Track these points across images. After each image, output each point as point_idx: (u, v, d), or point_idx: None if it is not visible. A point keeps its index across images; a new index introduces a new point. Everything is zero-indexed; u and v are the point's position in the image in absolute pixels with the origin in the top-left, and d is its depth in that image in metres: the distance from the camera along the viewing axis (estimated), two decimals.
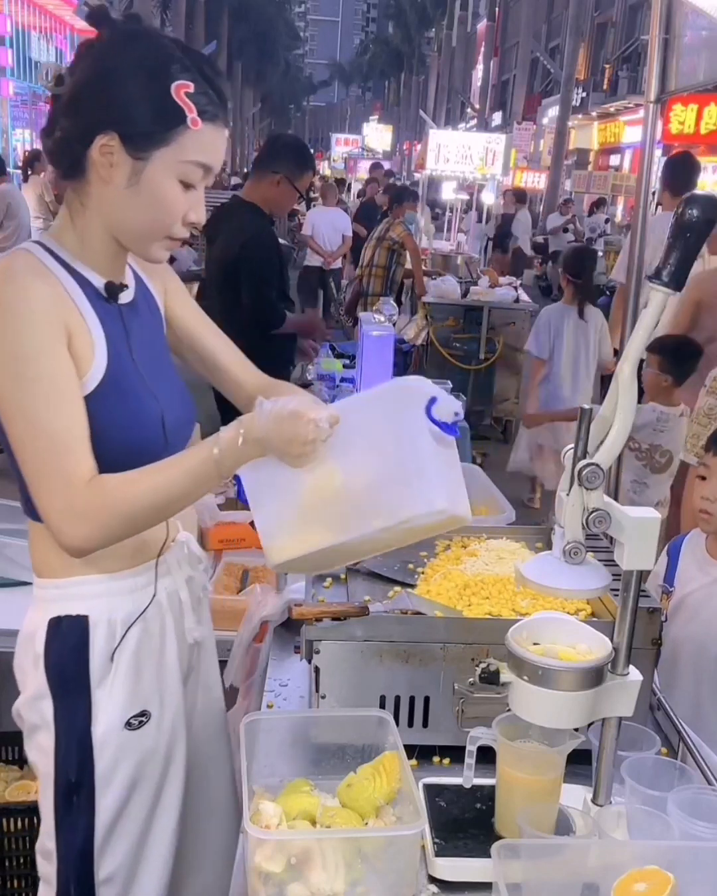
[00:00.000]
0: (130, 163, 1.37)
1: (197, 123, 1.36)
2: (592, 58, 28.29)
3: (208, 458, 1.36)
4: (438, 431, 1.35)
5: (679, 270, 1.26)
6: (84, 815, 1.48)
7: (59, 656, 1.47)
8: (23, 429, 1.36)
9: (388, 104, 65.33)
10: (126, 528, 1.40)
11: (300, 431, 1.34)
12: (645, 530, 1.25)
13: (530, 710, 1.29)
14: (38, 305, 1.35)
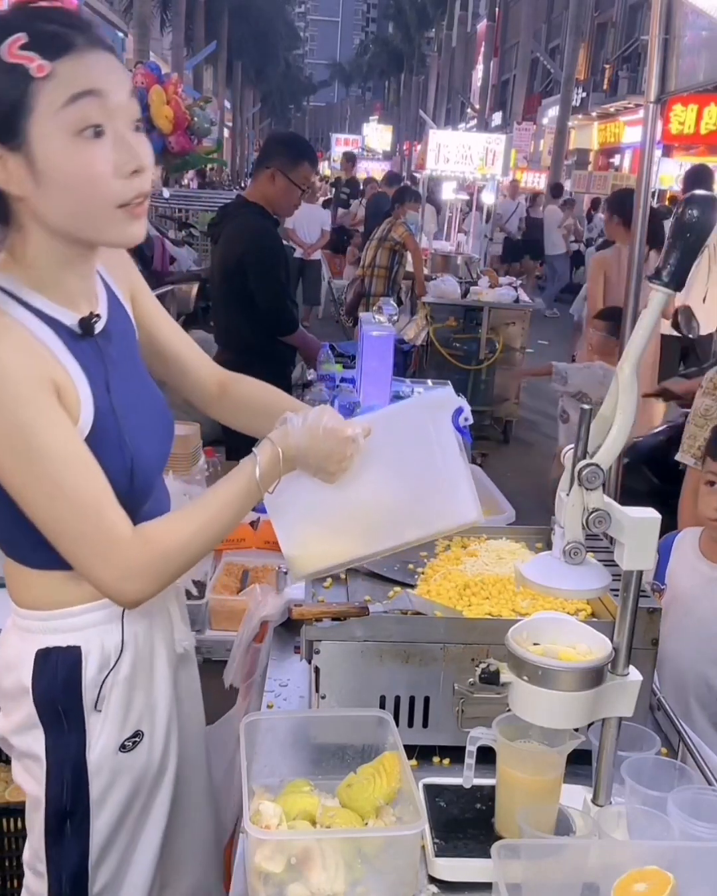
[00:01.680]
0: (19, 157, 1.19)
1: (43, 69, 1.15)
2: (592, 58, 28.31)
3: (250, 485, 1.35)
4: (461, 439, 1.39)
5: (679, 270, 1.26)
6: (77, 840, 1.44)
7: (49, 690, 1.40)
8: (47, 503, 1.27)
9: (388, 104, 65.31)
10: (182, 572, 1.38)
11: (337, 449, 1.34)
12: (645, 530, 1.25)
13: (530, 710, 1.29)
14: (20, 371, 1.21)
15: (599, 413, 1.31)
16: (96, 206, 1.22)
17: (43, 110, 1.16)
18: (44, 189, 1.20)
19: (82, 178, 1.19)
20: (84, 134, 1.18)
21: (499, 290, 7.48)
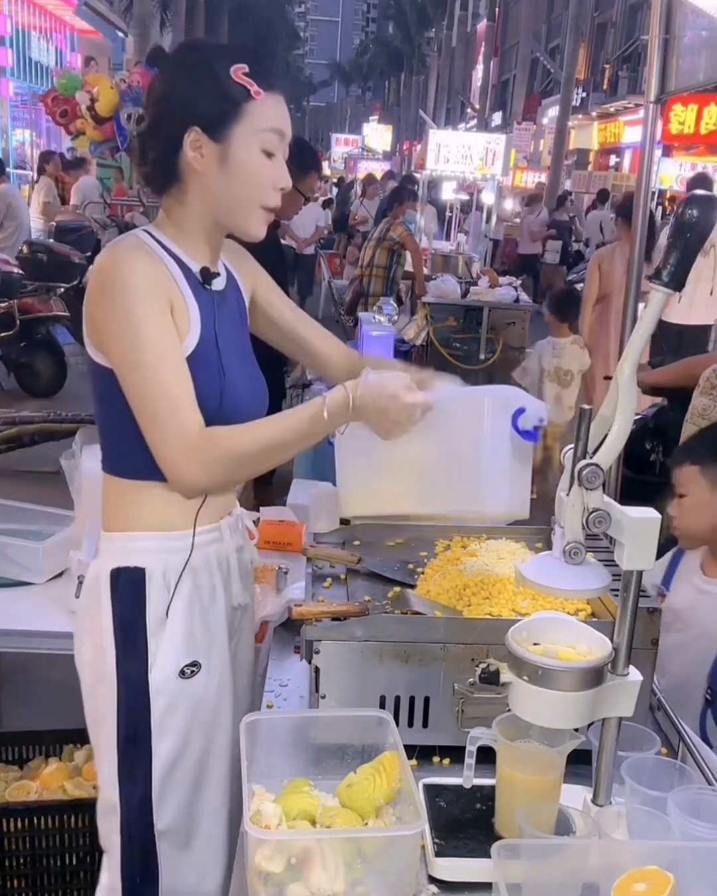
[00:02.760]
0: (217, 148, 1.54)
1: (260, 94, 1.54)
2: (592, 58, 28.30)
3: (318, 415, 1.51)
4: (518, 439, 1.49)
5: (679, 270, 1.26)
6: (143, 763, 1.58)
7: (120, 606, 1.58)
8: (139, 385, 1.51)
9: (388, 104, 65.24)
10: (234, 470, 1.56)
11: (393, 410, 1.50)
12: (645, 530, 1.25)
13: (530, 710, 1.29)
14: (146, 279, 1.52)
15: (599, 413, 1.31)
16: (251, 200, 1.59)
17: (246, 125, 1.55)
18: (224, 174, 1.55)
19: (254, 178, 1.57)
20: (264, 152, 1.57)
21: (499, 290, 7.48)
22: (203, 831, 1.66)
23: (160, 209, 1.64)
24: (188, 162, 1.55)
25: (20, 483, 4.43)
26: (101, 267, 1.54)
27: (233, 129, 1.54)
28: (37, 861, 2.29)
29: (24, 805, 2.29)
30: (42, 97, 10.42)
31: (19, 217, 9.00)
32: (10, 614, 2.21)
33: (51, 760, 2.52)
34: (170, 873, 1.63)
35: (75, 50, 25.37)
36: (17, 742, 2.58)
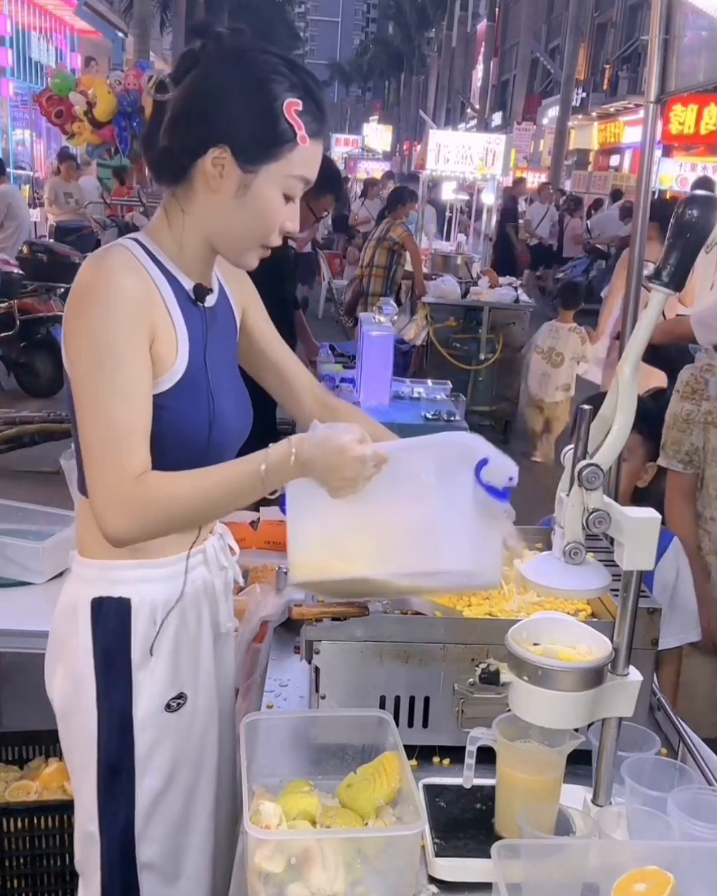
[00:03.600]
0: (240, 175, 1.43)
1: (305, 141, 1.43)
2: (592, 58, 28.30)
3: (254, 472, 1.38)
4: (484, 495, 1.36)
5: (679, 270, 1.26)
6: (125, 797, 1.53)
7: (103, 638, 1.51)
8: (89, 414, 1.41)
9: (388, 104, 65.22)
10: (163, 525, 1.44)
11: (343, 466, 1.37)
12: (645, 530, 1.25)
13: (530, 710, 1.29)
14: (128, 301, 1.41)
15: (599, 413, 1.31)
16: (256, 237, 1.49)
17: (280, 167, 1.44)
18: (237, 203, 1.45)
19: (265, 216, 1.47)
20: (284, 195, 1.48)
21: (499, 290, 7.47)
22: (190, 866, 1.61)
23: (160, 210, 1.54)
24: (204, 173, 1.44)
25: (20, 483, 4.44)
26: (83, 279, 1.43)
27: (264, 166, 1.43)
28: (37, 861, 2.29)
29: (24, 805, 2.29)
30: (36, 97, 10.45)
31: (19, 217, 9.01)
32: (10, 614, 2.21)
33: (51, 760, 2.52)
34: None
35: (75, 50, 25.36)
36: (17, 742, 2.58)
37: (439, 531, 1.38)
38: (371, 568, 1.43)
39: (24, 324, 7.14)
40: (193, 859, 1.62)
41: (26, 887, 2.30)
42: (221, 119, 1.42)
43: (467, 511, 1.37)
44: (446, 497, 1.37)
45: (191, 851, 1.62)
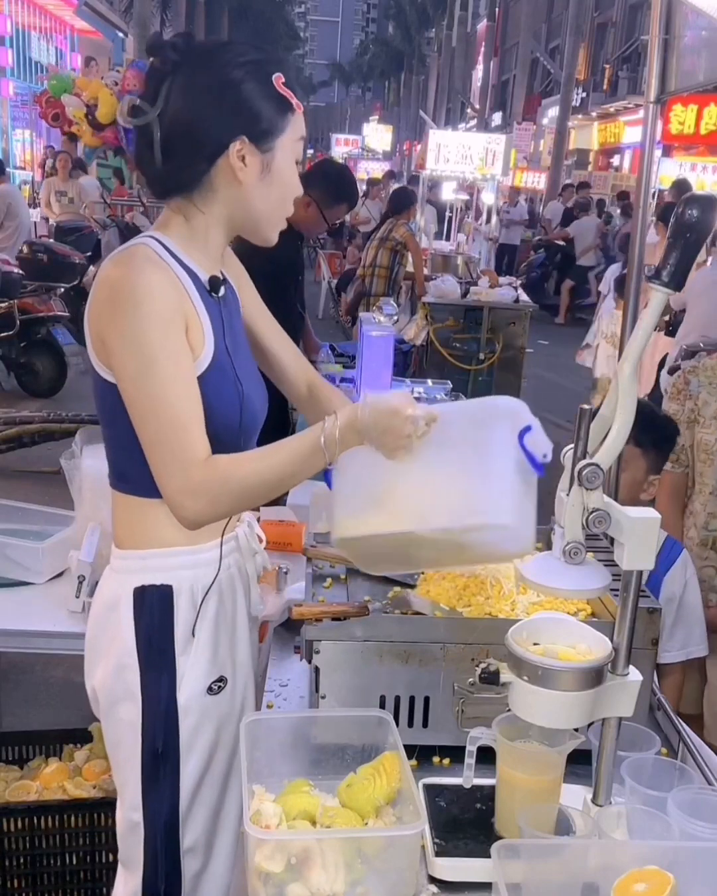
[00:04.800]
0: (261, 157, 1.52)
1: (300, 107, 1.55)
2: (592, 58, 28.28)
3: (315, 445, 1.45)
4: (523, 460, 1.38)
5: (679, 270, 1.26)
6: (170, 783, 1.57)
7: (147, 626, 1.55)
8: (145, 407, 1.47)
9: (388, 104, 65.20)
10: (236, 504, 1.52)
11: (396, 425, 1.43)
12: (645, 530, 1.25)
13: (530, 710, 1.29)
14: (160, 293, 1.47)
15: (599, 413, 1.31)
16: (281, 208, 1.59)
17: (286, 137, 1.54)
18: (264, 184, 1.54)
19: (291, 187, 1.58)
20: (295, 162, 1.58)
21: (499, 290, 7.47)
22: (224, 847, 1.65)
23: (169, 210, 1.58)
24: (227, 169, 1.51)
25: (20, 483, 4.44)
26: (110, 279, 1.48)
27: (277, 140, 1.53)
28: (37, 861, 2.29)
29: (24, 805, 2.29)
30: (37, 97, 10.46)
31: (19, 217, 9.01)
32: (10, 614, 2.21)
33: (51, 760, 2.52)
34: (192, 890, 1.62)
35: (75, 50, 25.39)
36: (17, 742, 2.58)
37: (484, 485, 1.41)
38: (415, 523, 1.45)
39: (24, 324, 7.14)
40: (224, 841, 1.65)
41: (26, 887, 2.30)
42: (227, 117, 1.49)
43: (511, 468, 1.40)
44: (491, 454, 1.41)
45: (223, 834, 1.65)
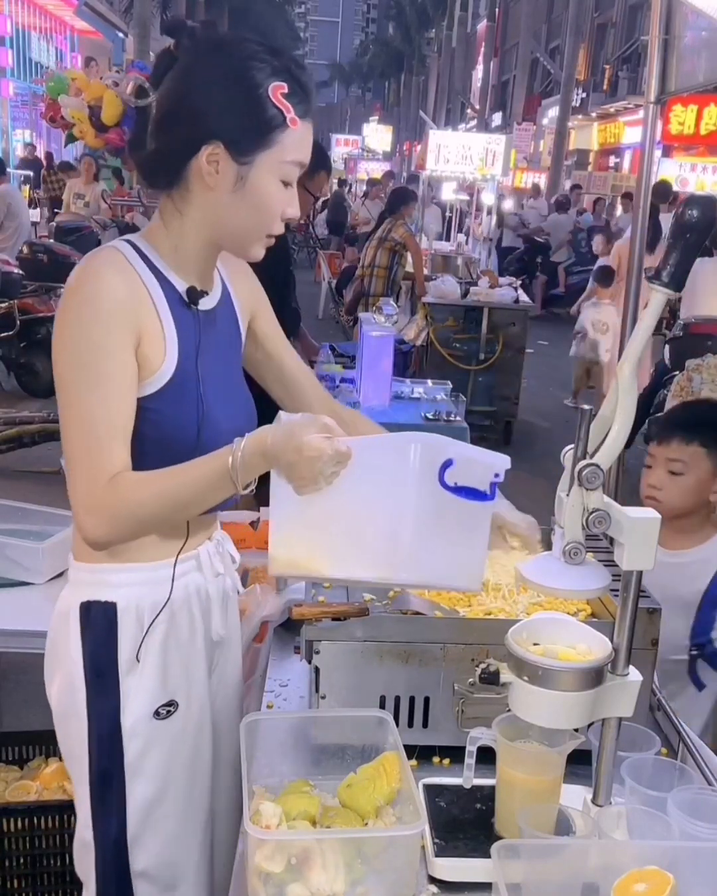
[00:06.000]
0: (236, 168, 1.42)
1: (296, 123, 1.42)
2: (592, 58, 28.28)
3: (222, 469, 1.34)
4: (451, 498, 1.30)
5: (679, 271, 1.26)
6: (116, 804, 1.52)
7: (92, 642, 1.51)
8: (70, 415, 1.41)
9: (388, 105, 65.21)
10: (135, 527, 1.43)
11: (300, 464, 1.30)
12: (645, 530, 1.25)
13: (530, 710, 1.29)
14: (113, 302, 1.40)
15: (599, 413, 1.31)
16: (260, 228, 1.48)
17: (274, 153, 1.42)
18: (236, 196, 1.43)
19: (266, 206, 1.45)
20: (282, 182, 1.46)
21: (499, 290, 7.47)
22: (189, 875, 1.60)
23: (157, 210, 1.52)
24: (199, 171, 1.42)
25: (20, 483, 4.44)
26: (71, 280, 1.43)
27: (258, 155, 1.41)
28: (37, 861, 2.29)
29: (24, 805, 2.29)
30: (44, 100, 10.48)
31: (19, 217, 9.01)
32: (10, 614, 2.21)
33: (51, 760, 2.52)
34: None
35: (75, 50, 25.39)
36: (17, 742, 2.58)
37: (403, 542, 1.33)
38: (339, 571, 1.39)
39: (24, 324, 7.14)
40: (191, 869, 1.60)
41: (26, 887, 2.30)
42: (209, 114, 1.40)
43: (432, 521, 1.32)
44: (411, 503, 1.32)
45: (189, 861, 1.60)
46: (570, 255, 14.21)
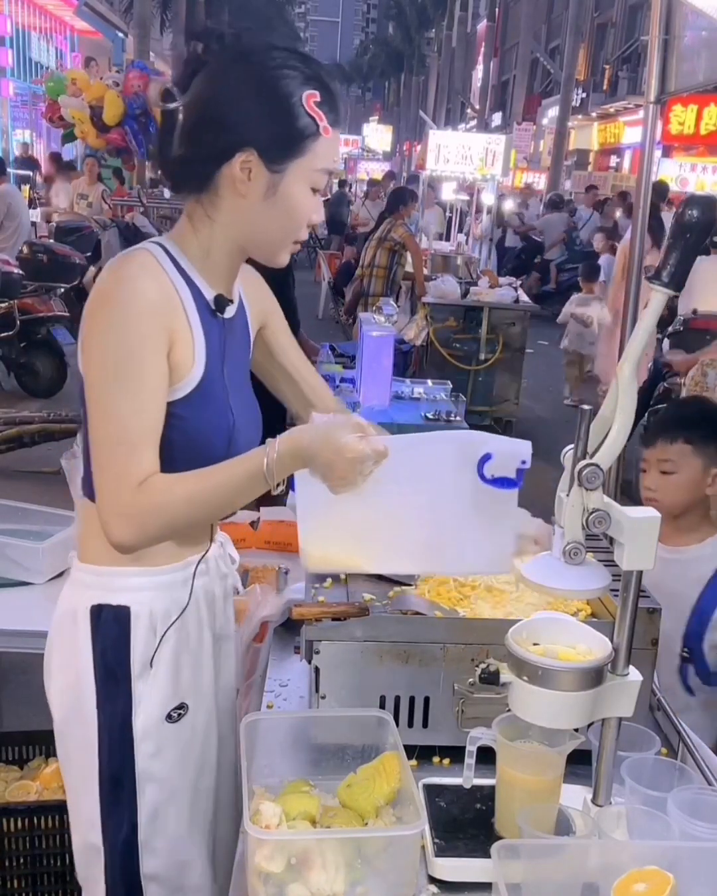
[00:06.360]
0: (268, 176, 1.42)
1: (328, 131, 1.43)
2: (592, 58, 28.29)
3: (257, 469, 1.36)
4: (487, 489, 1.36)
5: (679, 271, 1.26)
6: (128, 808, 1.52)
7: (103, 646, 1.50)
8: (100, 418, 1.40)
9: (388, 104, 65.21)
10: (164, 531, 1.43)
11: (340, 465, 1.33)
12: (645, 530, 1.25)
13: (530, 710, 1.29)
14: (147, 306, 1.40)
15: (599, 413, 1.31)
16: (289, 235, 1.49)
17: (306, 161, 1.43)
18: (267, 203, 1.44)
19: (296, 213, 1.46)
20: (311, 189, 1.46)
21: (499, 290, 7.48)
22: (193, 877, 1.60)
23: (183, 216, 1.51)
24: (231, 178, 1.43)
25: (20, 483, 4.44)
26: (104, 282, 1.43)
27: (291, 163, 1.42)
28: (37, 861, 2.29)
29: (24, 805, 2.29)
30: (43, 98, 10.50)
31: (19, 217, 9.00)
32: (10, 614, 2.21)
33: (51, 760, 2.52)
34: None
35: (75, 50, 25.38)
36: (17, 742, 2.58)
37: (443, 535, 1.38)
38: (376, 566, 1.45)
39: (24, 324, 7.14)
40: (196, 870, 1.61)
41: (26, 887, 2.30)
42: (243, 123, 1.40)
43: (470, 513, 1.37)
44: (449, 501, 1.37)
45: (194, 861, 1.61)
46: (563, 253, 14.31)
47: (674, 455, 2.28)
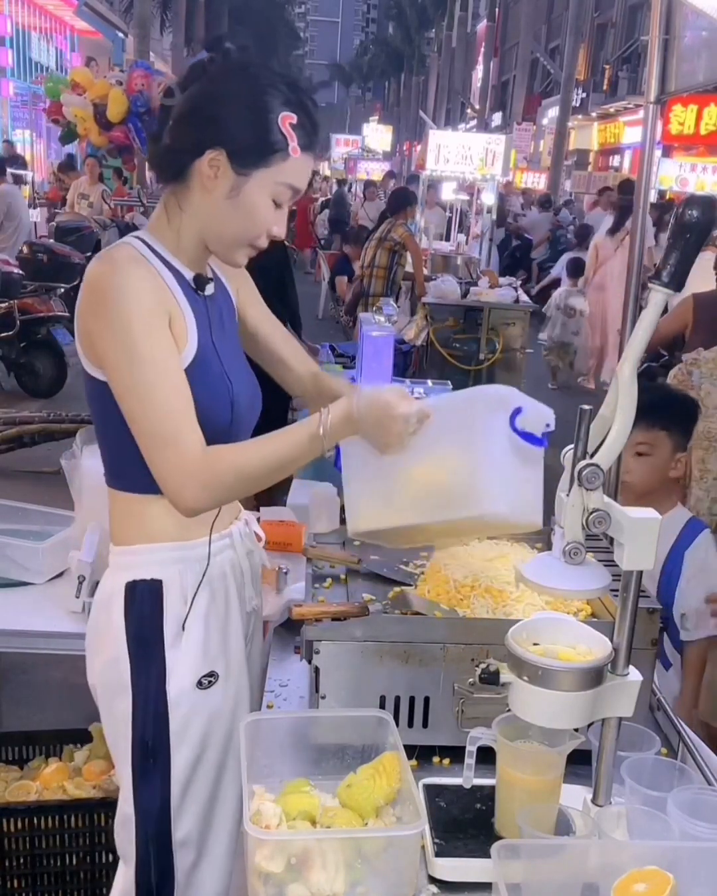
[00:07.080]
0: (233, 177, 1.52)
1: (296, 151, 1.53)
2: (592, 58, 28.31)
3: (314, 434, 1.50)
4: (519, 441, 1.45)
5: (679, 271, 1.26)
6: (160, 775, 1.59)
7: (137, 618, 1.58)
8: (136, 400, 1.49)
9: (388, 105, 65.19)
10: (234, 492, 1.57)
11: (389, 423, 1.49)
12: (645, 530, 1.25)
13: (530, 710, 1.29)
14: (143, 291, 1.50)
15: (599, 413, 1.31)
16: (244, 237, 1.58)
17: (270, 173, 1.53)
18: (230, 203, 1.54)
19: (253, 218, 1.56)
20: (274, 201, 1.56)
21: (499, 290, 7.47)
22: (220, 841, 1.66)
23: (159, 207, 1.62)
24: (201, 173, 1.53)
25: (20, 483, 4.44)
26: (94, 278, 1.51)
27: (256, 171, 1.52)
28: (37, 861, 2.29)
29: (24, 805, 2.29)
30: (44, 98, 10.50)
31: (19, 217, 9.01)
32: (10, 614, 2.21)
33: (51, 760, 2.52)
34: (186, 883, 1.63)
35: (75, 50, 25.40)
36: (17, 742, 2.58)
37: (478, 477, 1.46)
38: (420, 516, 1.54)
39: (24, 324, 7.14)
40: (219, 838, 1.66)
41: (26, 887, 2.30)
42: (220, 124, 1.51)
43: (503, 457, 1.45)
44: (484, 445, 1.46)
45: (218, 829, 1.66)
46: (546, 252, 14.36)
47: (651, 439, 2.42)
